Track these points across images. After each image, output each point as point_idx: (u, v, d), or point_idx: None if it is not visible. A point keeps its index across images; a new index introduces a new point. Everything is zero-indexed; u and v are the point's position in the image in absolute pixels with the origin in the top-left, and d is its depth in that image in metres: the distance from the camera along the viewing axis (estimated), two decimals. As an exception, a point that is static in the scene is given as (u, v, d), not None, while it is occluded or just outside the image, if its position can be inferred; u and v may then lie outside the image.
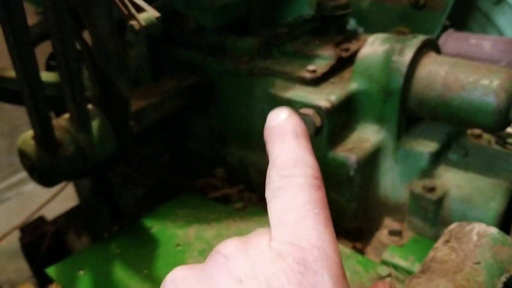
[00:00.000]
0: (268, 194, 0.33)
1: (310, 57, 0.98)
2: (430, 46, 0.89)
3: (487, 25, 1.51)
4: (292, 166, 0.32)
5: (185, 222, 1.00)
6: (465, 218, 0.82)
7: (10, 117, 2.44)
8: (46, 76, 1.10)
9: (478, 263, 0.53)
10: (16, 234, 1.51)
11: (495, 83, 0.79)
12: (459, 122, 0.84)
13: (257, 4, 1.07)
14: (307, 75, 0.93)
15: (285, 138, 0.34)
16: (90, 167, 0.88)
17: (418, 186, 0.86)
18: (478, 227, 0.58)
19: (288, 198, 0.31)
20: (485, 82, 0.80)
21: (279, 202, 0.32)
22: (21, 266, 1.64)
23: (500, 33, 1.49)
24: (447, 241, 0.57)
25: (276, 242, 0.30)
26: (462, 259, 0.54)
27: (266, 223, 1.08)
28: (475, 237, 0.57)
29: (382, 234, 0.90)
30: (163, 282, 0.33)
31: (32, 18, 1.23)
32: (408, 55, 0.85)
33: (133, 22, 0.65)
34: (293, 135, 0.34)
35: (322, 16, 1.03)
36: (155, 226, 0.99)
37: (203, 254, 0.91)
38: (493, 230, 0.57)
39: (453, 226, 0.59)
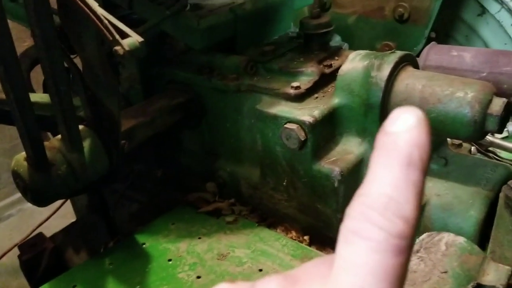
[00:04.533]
0: (343, 229, 0.26)
1: (294, 74, 1.01)
2: (408, 61, 0.92)
3: (472, 37, 1.55)
4: (381, 208, 0.25)
5: (177, 236, 1.02)
6: (446, 226, 0.84)
7: (11, 135, 2.48)
8: (42, 97, 1.13)
9: (446, 272, 0.55)
10: (17, 251, 1.53)
11: (470, 95, 0.82)
12: (437, 133, 0.87)
13: (242, 24, 1.11)
14: (292, 91, 0.97)
15: (392, 161, 0.26)
16: (83, 186, 0.91)
17: (399, 196, 0.88)
18: (447, 237, 0.60)
19: (357, 254, 0.25)
20: (460, 94, 0.83)
21: (348, 252, 0.26)
22: (23, 283, 1.66)
23: (485, 44, 1.52)
24: (417, 251, 0.59)
25: None
26: (430, 269, 0.56)
27: (256, 235, 1.10)
28: (443, 247, 0.59)
29: (368, 244, 0.92)
30: None
31: (30, 40, 1.28)
32: (386, 70, 0.88)
33: (117, 48, 0.69)
34: (405, 160, 0.25)
35: (305, 34, 1.07)
36: (148, 241, 1.02)
37: (194, 268, 0.94)
38: (461, 240, 0.59)
39: (424, 236, 0.61)
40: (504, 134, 1.18)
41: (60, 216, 1.82)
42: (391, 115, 0.27)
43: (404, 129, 0.26)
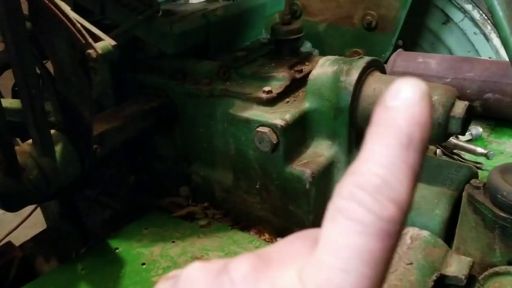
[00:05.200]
0: (331, 206, 0.25)
1: (266, 79, 1.03)
2: (375, 66, 0.95)
3: (437, 44, 1.61)
4: (373, 190, 0.23)
5: (150, 241, 1.02)
6: (413, 224, 0.87)
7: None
8: (11, 102, 1.12)
9: (411, 263, 0.58)
10: (-16, 262, 1.49)
11: (434, 98, 0.86)
12: (403, 135, 0.90)
13: (215, 30, 1.12)
14: (264, 95, 0.98)
15: (391, 140, 0.23)
16: (54, 191, 0.90)
17: (369, 197, 0.91)
18: (412, 231, 0.63)
19: (342, 235, 0.23)
20: (425, 98, 0.86)
21: (332, 231, 0.24)
22: (-10, 294, 1.61)
23: (450, 51, 1.58)
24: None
25: (305, 280, 0.24)
26: (396, 261, 0.58)
27: (230, 238, 1.10)
28: (408, 240, 0.62)
29: (339, 244, 0.94)
30: (181, 272, 0.30)
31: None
32: (354, 75, 0.91)
33: (90, 51, 0.69)
34: (405, 140, 0.23)
35: (277, 40, 1.09)
36: (121, 246, 1.01)
37: (167, 272, 0.94)
38: (425, 233, 0.62)
39: (390, 231, 0.64)
40: (468, 137, 1.22)
41: (30, 225, 1.78)
42: (392, 86, 0.24)
43: (406, 104, 0.24)
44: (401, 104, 0.24)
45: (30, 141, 0.87)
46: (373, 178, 0.23)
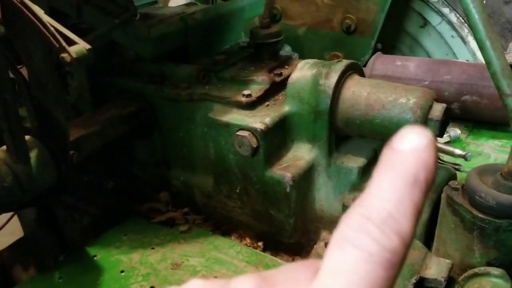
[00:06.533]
0: (336, 234, 0.26)
1: (245, 82, 1.03)
2: (354, 69, 0.96)
3: (415, 47, 1.63)
4: (379, 222, 0.25)
5: (130, 247, 1.01)
6: (393, 227, 0.87)
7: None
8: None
9: (390, 266, 0.57)
10: (-41, 271, 1.45)
11: (412, 101, 0.86)
12: (382, 138, 0.91)
13: (194, 33, 1.12)
14: (243, 99, 0.98)
15: (398, 178, 0.25)
16: (30, 198, 0.88)
17: (349, 199, 0.91)
18: (391, 234, 0.63)
19: (348, 261, 0.25)
20: (403, 100, 0.87)
21: (338, 258, 0.25)
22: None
23: (428, 54, 1.60)
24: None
25: None
26: (376, 264, 0.58)
27: (211, 243, 1.09)
28: (388, 243, 0.62)
29: (320, 247, 0.94)
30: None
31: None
32: (333, 78, 0.91)
33: (64, 55, 0.68)
34: (411, 179, 0.25)
35: (256, 44, 1.09)
36: (99, 253, 1.00)
37: (147, 279, 0.93)
38: (404, 236, 0.62)
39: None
40: (446, 139, 1.24)
41: (6, 233, 1.74)
42: (400, 132, 0.27)
43: (413, 149, 0.26)
44: (409, 148, 0.26)
45: (4, 147, 0.85)
46: (381, 212, 0.25)
